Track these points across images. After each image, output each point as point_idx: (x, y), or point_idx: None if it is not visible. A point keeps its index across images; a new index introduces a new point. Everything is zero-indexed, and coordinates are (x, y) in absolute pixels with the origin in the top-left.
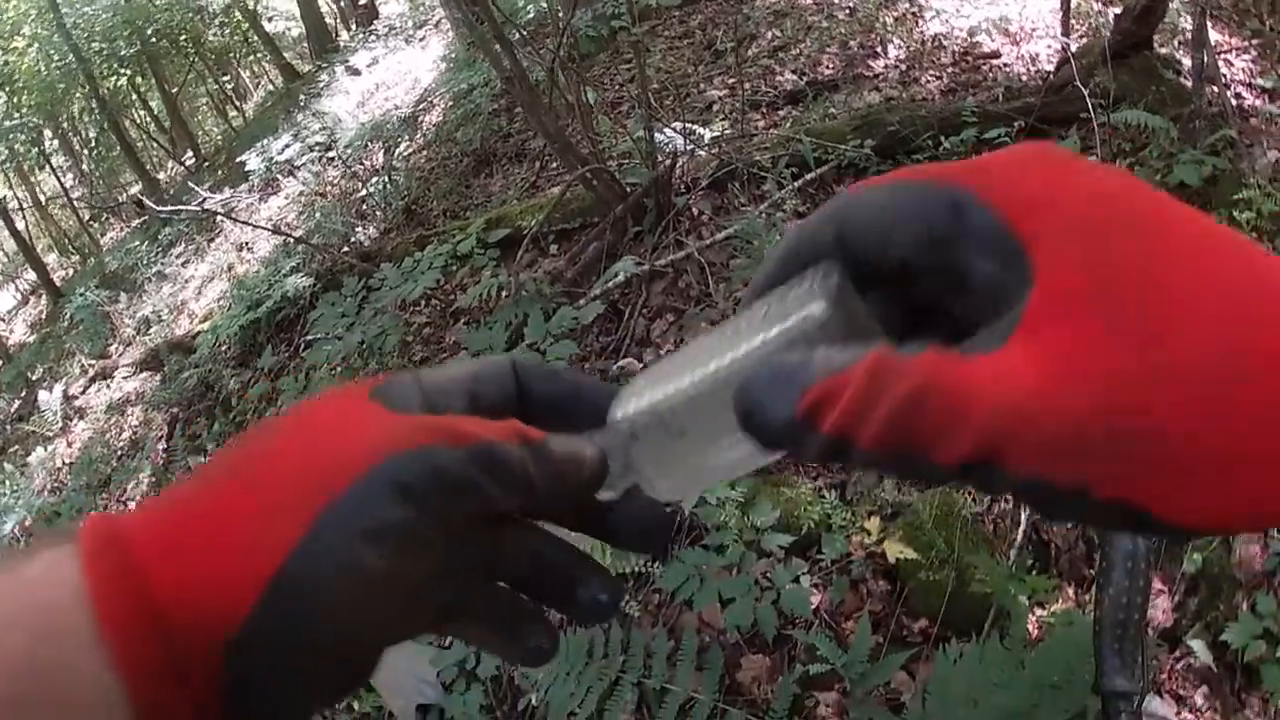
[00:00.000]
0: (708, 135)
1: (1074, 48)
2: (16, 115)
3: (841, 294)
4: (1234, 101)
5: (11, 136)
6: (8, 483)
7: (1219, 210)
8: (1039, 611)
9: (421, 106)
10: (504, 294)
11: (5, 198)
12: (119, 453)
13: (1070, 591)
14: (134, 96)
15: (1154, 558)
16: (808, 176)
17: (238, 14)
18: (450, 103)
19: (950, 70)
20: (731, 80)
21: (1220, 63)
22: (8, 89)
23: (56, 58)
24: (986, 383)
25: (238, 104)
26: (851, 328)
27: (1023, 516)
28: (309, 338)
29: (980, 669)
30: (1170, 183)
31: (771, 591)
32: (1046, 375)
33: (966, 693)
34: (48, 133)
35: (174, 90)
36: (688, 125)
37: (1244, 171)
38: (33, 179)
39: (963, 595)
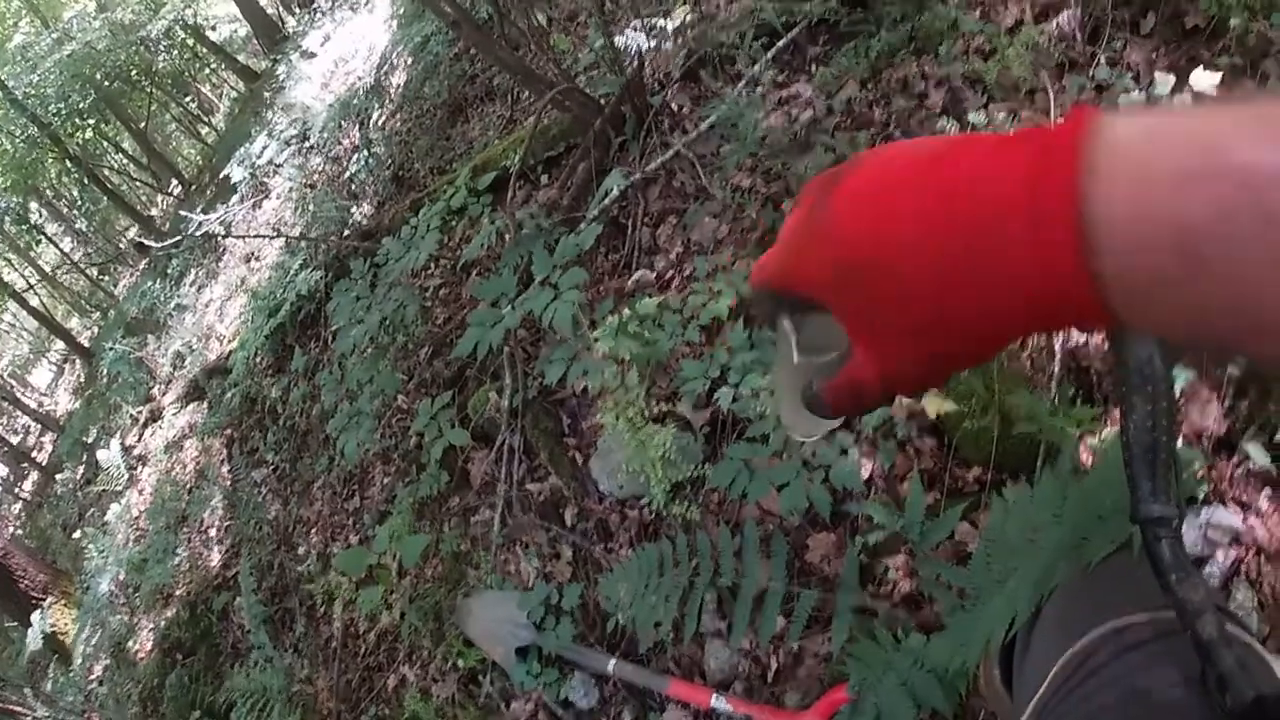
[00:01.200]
0: (670, 26)
1: None
2: None
3: (795, 328)
4: None
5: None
6: (93, 545)
7: None
8: (1090, 440)
9: (383, 71)
10: (505, 237)
11: (13, 280)
12: (187, 486)
13: (1117, 414)
14: (105, 144)
15: (1171, 379)
16: (779, 44)
17: (180, 33)
18: (410, 59)
19: None
20: None
21: None
22: None
23: (18, 132)
24: (859, 375)
25: (207, 120)
26: (822, 339)
27: (1057, 346)
28: (333, 328)
29: (1034, 508)
30: None
31: (820, 470)
32: (867, 363)
33: (1024, 534)
34: (34, 205)
35: (142, 125)
36: (647, 20)
37: None
38: (32, 253)
39: (1010, 437)
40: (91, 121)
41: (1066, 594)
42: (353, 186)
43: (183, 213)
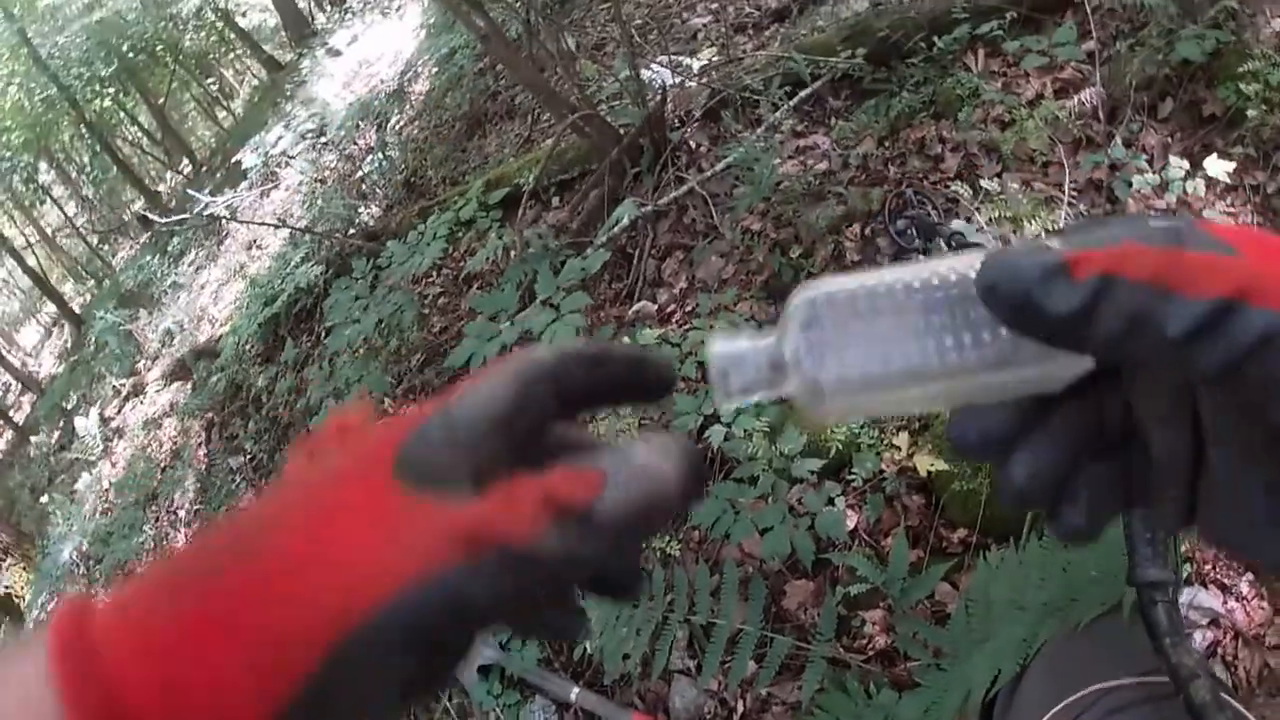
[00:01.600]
0: (696, 65)
1: None
2: (7, 154)
3: None
4: None
5: (6, 178)
6: (60, 512)
7: (1225, 84)
8: None
9: (407, 77)
10: (511, 253)
11: (12, 237)
12: (161, 465)
13: None
14: (121, 114)
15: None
16: (802, 94)
17: (210, 14)
18: (435, 69)
19: None
20: (714, 5)
21: None
22: None
23: (38, 91)
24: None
25: (225, 104)
26: None
27: None
28: (328, 324)
29: (1020, 572)
30: (1173, 61)
31: (806, 518)
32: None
33: (1008, 596)
34: (43, 165)
35: (160, 101)
36: (674, 57)
37: (1248, 43)
38: (35, 213)
39: (998, 502)
40: (111, 90)
41: (1054, 653)
42: (363, 187)
43: (190, 192)
